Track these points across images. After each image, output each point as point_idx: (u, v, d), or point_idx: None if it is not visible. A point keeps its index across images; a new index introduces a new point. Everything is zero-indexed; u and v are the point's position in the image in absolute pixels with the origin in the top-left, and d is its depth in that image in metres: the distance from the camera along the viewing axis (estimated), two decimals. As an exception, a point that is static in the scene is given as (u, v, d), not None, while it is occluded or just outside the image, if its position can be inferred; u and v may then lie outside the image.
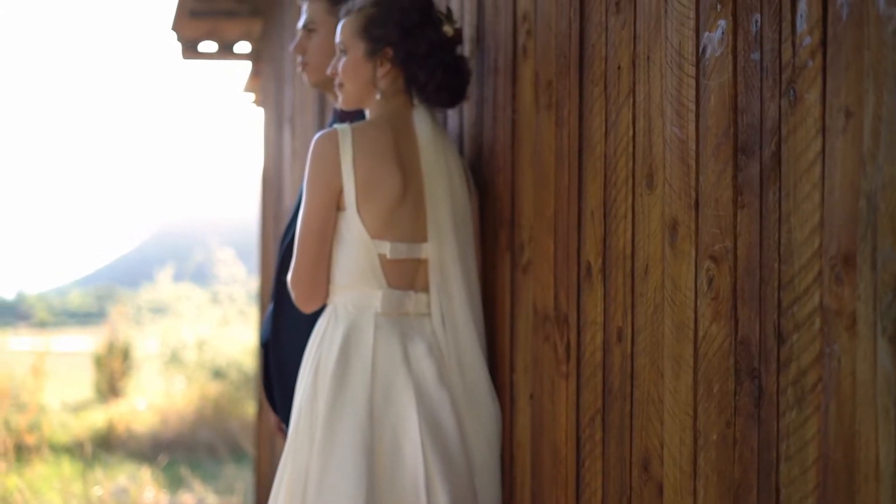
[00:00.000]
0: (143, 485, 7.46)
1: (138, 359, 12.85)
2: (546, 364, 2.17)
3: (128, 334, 12.99)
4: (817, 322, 1.32)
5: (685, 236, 1.64)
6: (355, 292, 2.34)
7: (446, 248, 2.34)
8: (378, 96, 2.41)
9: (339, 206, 2.33)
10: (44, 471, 8.18)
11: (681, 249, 1.65)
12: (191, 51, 6.72)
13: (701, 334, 1.59)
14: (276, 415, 2.78)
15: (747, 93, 1.49)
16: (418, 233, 2.35)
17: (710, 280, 1.57)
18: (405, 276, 2.35)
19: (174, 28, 6.40)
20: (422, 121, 2.40)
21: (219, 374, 11.52)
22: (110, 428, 10.24)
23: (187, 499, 7.45)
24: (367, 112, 2.47)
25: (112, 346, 12.37)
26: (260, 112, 6.77)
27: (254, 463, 7.09)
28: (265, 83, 6.45)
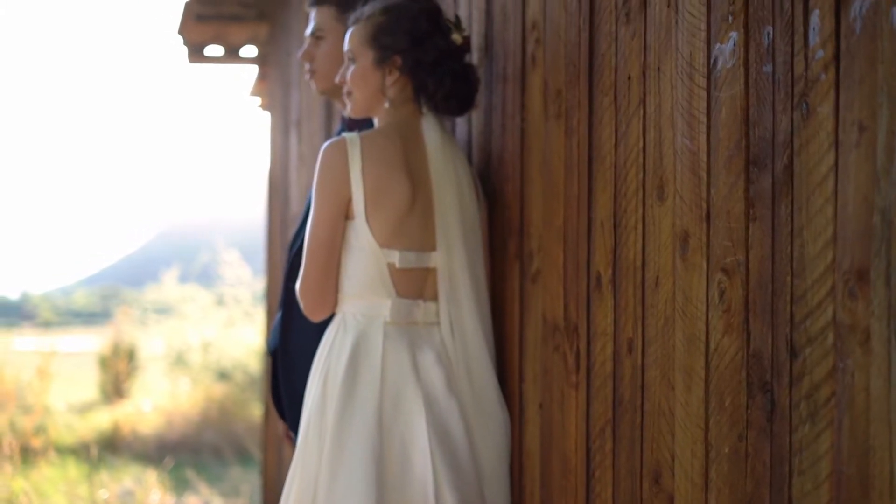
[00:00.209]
0: (149, 487, 7.46)
1: (143, 360, 12.86)
2: (555, 374, 2.17)
3: (133, 335, 13.00)
4: (830, 337, 1.32)
5: (696, 248, 1.64)
6: (364, 301, 2.34)
7: (455, 256, 2.34)
8: (387, 105, 2.41)
9: (347, 215, 2.33)
10: (49, 473, 8.18)
11: (692, 261, 1.65)
12: (197, 54, 6.72)
13: (712, 347, 1.59)
14: (284, 422, 2.77)
15: (759, 105, 1.49)
16: (427, 242, 2.35)
17: (722, 293, 1.56)
18: (414, 285, 2.35)
19: (180, 32, 6.40)
20: (430, 129, 2.39)
21: (224, 375, 11.52)
22: (115, 429, 10.25)
23: (193, 501, 7.45)
24: (376, 120, 2.47)
25: (117, 348, 12.38)
26: (266, 116, 6.77)
27: (261, 466, 7.10)
28: (271, 87, 6.45)
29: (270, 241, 6.51)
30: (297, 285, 2.39)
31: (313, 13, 2.76)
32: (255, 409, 10.35)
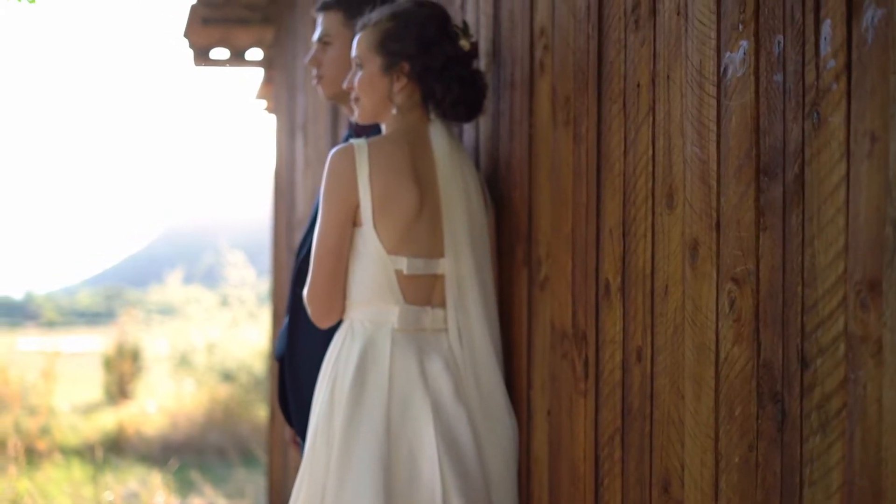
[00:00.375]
0: (154, 489, 7.46)
1: (147, 361, 12.86)
2: (564, 381, 2.17)
3: (137, 336, 13.01)
4: (842, 347, 1.32)
5: (706, 257, 1.63)
6: (372, 308, 2.34)
7: (463, 263, 2.34)
8: (394, 111, 2.41)
9: (355, 222, 2.33)
10: (54, 475, 8.19)
11: (701, 270, 1.65)
12: (202, 58, 6.72)
13: (722, 356, 1.59)
14: (291, 428, 2.77)
15: (770, 114, 1.49)
16: (435, 248, 2.35)
17: (732, 302, 1.56)
18: (422, 291, 2.35)
19: (186, 35, 6.40)
20: (438, 135, 2.39)
21: (228, 377, 11.52)
22: (120, 430, 10.25)
23: (198, 503, 7.46)
24: (383, 126, 2.47)
25: (121, 348, 12.39)
26: (272, 119, 6.77)
27: (266, 469, 7.09)
28: (277, 90, 6.45)
29: (276, 244, 6.52)
30: (305, 292, 2.39)
31: (320, 18, 2.76)
32: (259, 411, 10.35)
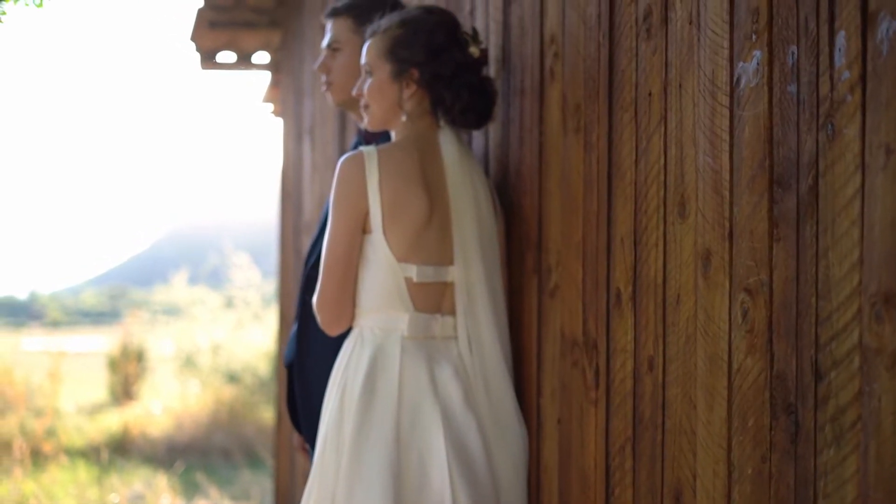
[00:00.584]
0: (160, 492, 7.47)
1: (152, 361, 12.86)
2: (574, 389, 2.16)
3: (142, 337, 13.01)
4: (856, 360, 1.31)
5: (719, 267, 1.63)
6: (381, 315, 2.33)
7: (473, 270, 2.33)
8: (404, 118, 2.41)
9: (365, 229, 2.33)
10: (60, 476, 8.19)
11: (714, 280, 1.64)
12: (209, 61, 6.73)
13: (735, 367, 1.58)
14: (300, 435, 2.77)
15: (783, 125, 1.48)
16: (444, 255, 2.34)
17: (745, 313, 1.56)
18: (431, 299, 2.34)
19: (193, 38, 6.41)
20: (448, 142, 2.39)
21: (233, 378, 11.52)
22: (125, 432, 10.25)
23: (204, 505, 7.46)
24: (393, 133, 2.47)
25: (126, 349, 12.39)
26: (279, 122, 6.77)
27: (273, 472, 7.10)
28: (284, 94, 6.45)
29: (283, 247, 6.52)
30: (314, 299, 2.39)
31: (330, 25, 2.75)
32: (264, 412, 10.36)
